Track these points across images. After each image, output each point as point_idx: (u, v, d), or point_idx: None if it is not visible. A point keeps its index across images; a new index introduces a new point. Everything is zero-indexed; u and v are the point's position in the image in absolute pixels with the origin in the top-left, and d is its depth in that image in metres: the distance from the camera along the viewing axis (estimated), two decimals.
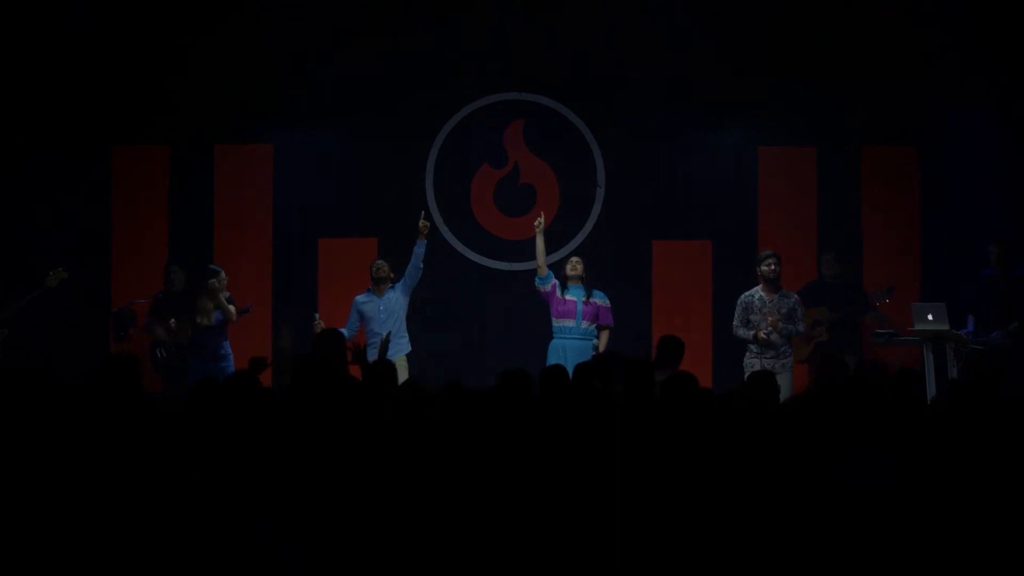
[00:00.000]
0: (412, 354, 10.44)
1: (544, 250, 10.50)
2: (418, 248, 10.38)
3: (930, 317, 10.23)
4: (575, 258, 10.51)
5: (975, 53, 11.04)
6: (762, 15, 11.27)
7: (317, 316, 10.28)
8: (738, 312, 9.95)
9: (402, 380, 9.89)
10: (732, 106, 11.50)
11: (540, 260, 10.44)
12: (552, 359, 10.03)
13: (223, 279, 10.29)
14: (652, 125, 11.64)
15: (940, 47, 11.14)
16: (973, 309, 10.56)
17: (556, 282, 10.39)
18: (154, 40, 11.23)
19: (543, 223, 10.56)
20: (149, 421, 5.09)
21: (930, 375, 10.05)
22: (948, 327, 10.20)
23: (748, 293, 9.98)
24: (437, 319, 11.38)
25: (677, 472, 4.94)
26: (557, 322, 10.33)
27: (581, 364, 6.95)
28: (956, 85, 11.23)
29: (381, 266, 10.47)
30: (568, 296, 10.32)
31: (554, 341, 10.32)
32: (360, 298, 10.45)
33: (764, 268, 9.94)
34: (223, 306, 10.22)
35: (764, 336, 9.75)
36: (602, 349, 10.19)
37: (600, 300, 10.36)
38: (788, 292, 10.02)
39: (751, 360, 9.79)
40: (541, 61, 11.58)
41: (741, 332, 9.91)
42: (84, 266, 11.13)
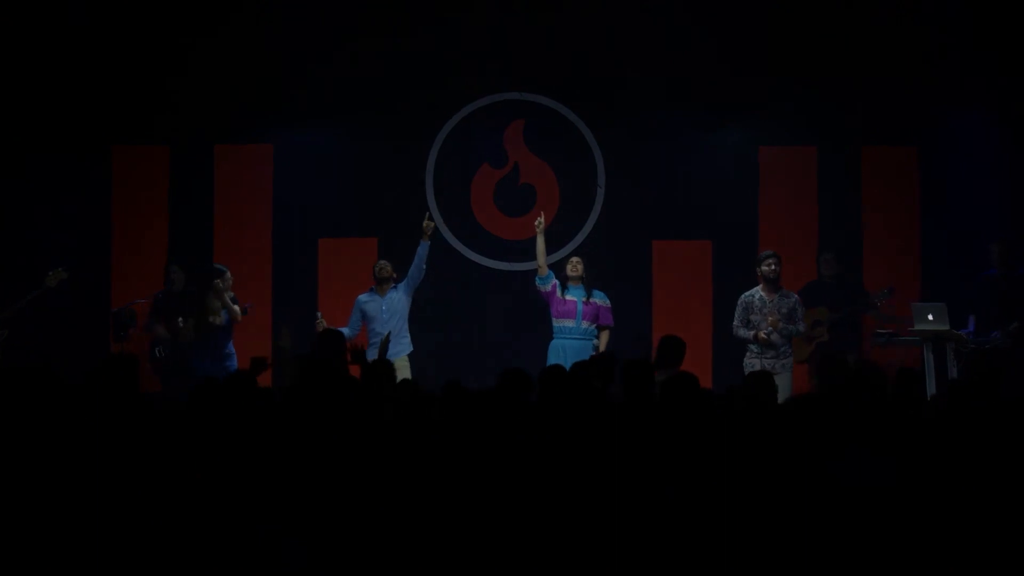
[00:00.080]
0: (412, 354, 10.44)
1: (544, 250, 10.49)
2: (421, 249, 10.37)
3: (930, 317, 10.23)
4: (575, 258, 10.51)
5: (975, 53, 11.04)
6: (762, 15, 11.27)
7: (319, 315, 10.28)
8: (738, 312, 9.95)
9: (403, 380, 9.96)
10: (732, 106, 11.49)
11: (540, 260, 10.44)
12: (552, 359, 10.02)
13: (228, 279, 10.32)
14: (652, 125, 11.63)
15: (940, 47, 11.14)
16: (973, 309, 10.56)
17: (556, 282, 10.39)
18: (154, 40, 11.24)
19: (543, 223, 10.56)
20: (149, 421, 5.09)
21: (930, 375, 10.05)
22: (948, 327, 10.21)
23: (748, 293, 9.98)
24: (437, 319, 11.38)
25: (677, 472, 4.94)
26: (557, 322, 10.33)
27: (578, 363, 6.95)
28: (956, 85, 11.22)
29: (384, 266, 10.47)
30: (568, 296, 10.32)
31: (554, 341, 10.32)
32: (363, 297, 10.44)
33: (764, 268, 9.94)
34: (228, 306, 10.24)
35: (764, 336, 9.75)
36: (602, 349, 10.19)
37: (600, 300, 10.36)
38: (788, 292, 10.01)
39: (751, 360, 9.79)
40: (541, 61, 11.58)
41: (741, 332, 9.90)
42: (84, 266, 11.13)
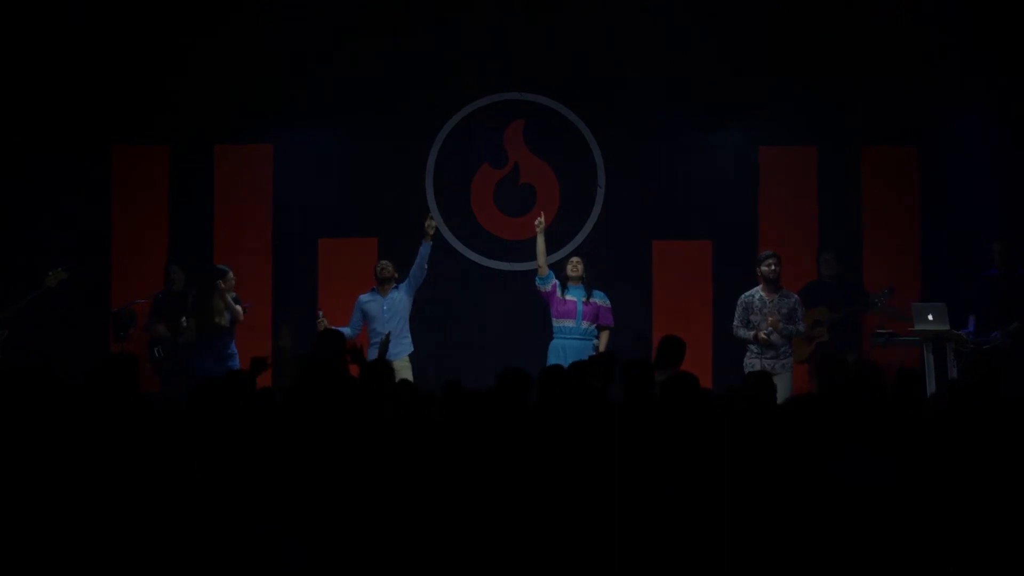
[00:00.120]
0: (412, 354, 10.43)
1: (545, 250, 10.49)
2: (423, 249, 10.36)
3: (930, 317, 10.23)
4: (575, 258, 10.51)
5: (975, 53, 11.04)
6: (762, 15, 11.27)
7: (320, 314, 10.27)
8: (738, 312, 9.94)
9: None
10: (732, 106, 11.49)
11: (541, 260, 10.44)
12: (552, 359, 10.02)
13: (231, 279, 10.32)
14: (652, 125, 11.63)
15: (940, 47, 11.14)
16: (973, 309, 10.56)
17: (556, 282, 10.38)
18: (154, 40, 11.23)
19: (543, 223, 10.56)
20: (149, 421, 5.09)
21: (930, 375, 10.05)
22: (948, 327, 10.20)
23: (748, 293, 9.97)
24: (437, 319, 11.37)
25: (677, 472, 4.94)
26: (557, 322, 10.33)
27: (576, 363, 6.95)
28: (956, 85, 11.22)
29: (385, 266, 10.46)
30: (568, 296, 10.32)
31: (554, 341, 10.32)
32: (364, 297, 10.44)
33: (764, 268, 9.93)
34: (230, 306, 10.24)
35: (764, 337, 9.74)
36: (602, 349, 10.19)
37: (600, 300, 10.36)
38: (788, 292, 10.01)
39: (751, 360, 9.79)
40: (541, 61, 11.58)
41: (741, 332, 9.90)
42: (84, 266, 11.13)
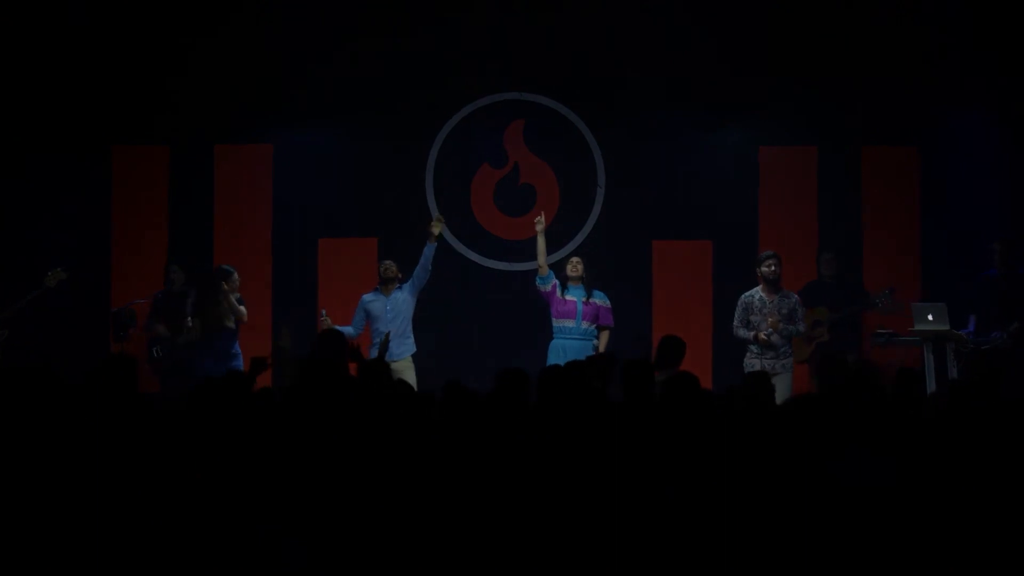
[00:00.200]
0: (414, 354, 10.43)
1: (545, 250, 10.50)
2: (428, 250, 10.36)
3: (930, 317, 10.22)
4: (575, 258, 10.51)
5: (975, 53, 11.04)
6: (762, 15, 11.27)
7: (323, 312, 10.27)
8: (738, 312, 9.94)
9: (408, 380, 9.96)
10: (732, 106, 11.49)
11: (541, 260, 10.44)
12: (552, 359, 10.02)
13: (235, 280, 10.30)
14: (652, 125, 11.63)
15: (940, 47, 11.13)
16: (974, 309, 10.56)
17: (557, 282, 10.39)
18: (154, 40, 11.23)
19: (543, 222, 10.57)
20: (149, 421, 5.09)
21: (930, 375, 10.05)
22: (948, 327, 10.20)
23: (748, 293, 9.97)
24: (437, 319, 11.37)
25: (677, 472, 4.94)
26: (557, 322, 10.33)
27: (572, 362, 6.95)
28: (956, 85, 11.22)
29: (389, 266, 10.45)
30: (568, 296, 10.32)
31: (554, 341, 10.32)
32: (367, 297, 10.44)
33: (764, 269, 9.93)
34: (234, 307, 10.22)
35: (764, 337, 9.74)
36: (602, 349, 10.19)
37: (600, 300, 10.36)
38: (788, 292, 10.01)
39: (751, 360, 9.79)
40: (541, 61, 11.58)
41: (741, 332, 9.90)
42: (84, 266, 11.13)
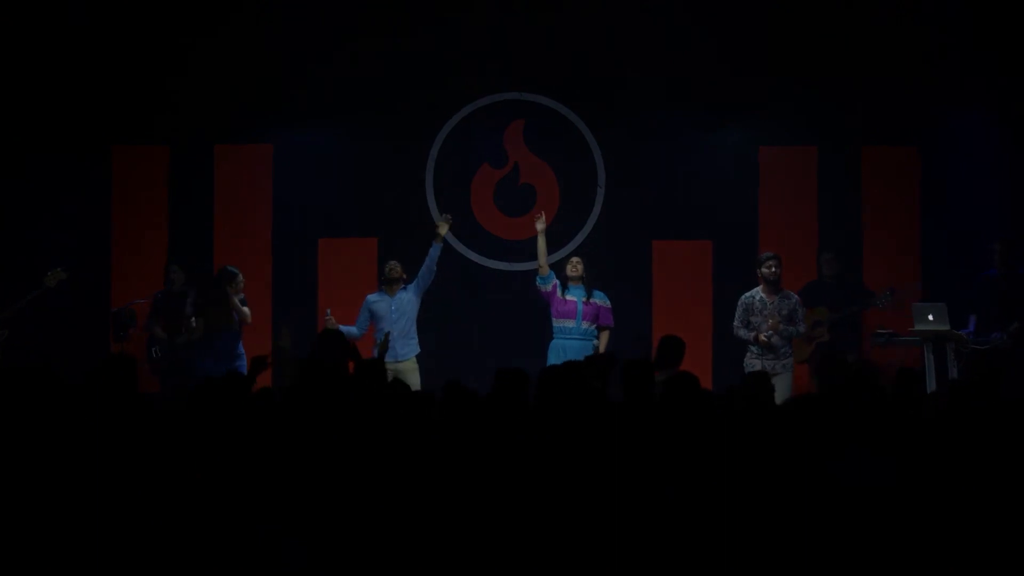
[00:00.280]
0: (417, 354, 10.45)
1: (546, 250, 10.50)
2: (433, 250, 10.36)
3: (930, 317, 10.22)
4: (575, 258, 10.51)
5: (975, 53, 11.04)
6: (762, 15, 11.27)
7: (329, 313, 10.26)
8: (739, 313, 9.94)
9: (413, 382, 10.00)
10: (732, 106, 11.49)
11: (541, 260, 10.44)
12: (552, 359, 10.02)
13: (240, 282, 10.28)
14: (652, 125, 11.63)
15: (940, 47, 11.13)
16: (974, 309, 10.55)
17: (557, 282, 10.39)
18: (154, 40, 11.23)
19: (544, 221, 10.57)
20: (149, 421, 5.09)
21: (930, 375, 10.04)
22: (948, 327, 10.20)
23: (748, 294, 9.97)
24: (437, 319, 11.37)
25: (677, 472, 4.94)
26: (557, 322, 10.32)
27: (570, 362, 6.95)
28: (956, 85, 11.22)
29: (394, 267, 10.44)
30: (568, 296, 10.31)
31: (554, 341, 10.32)
32: (372, 297, 10.44)
33: (764, 270, 9.92)
34: (238, 309, 10.21)
35: (765, 340, 9.73)
36: (602, 350, 10.19)
37: (600, 300, 10.36)
38: (788, 293, 10.00)
39: (752, 361, 9.78)
40: (541, 61, 11.58)
41: (742, 333, 9.89)
42: (84, 266, 11.12)
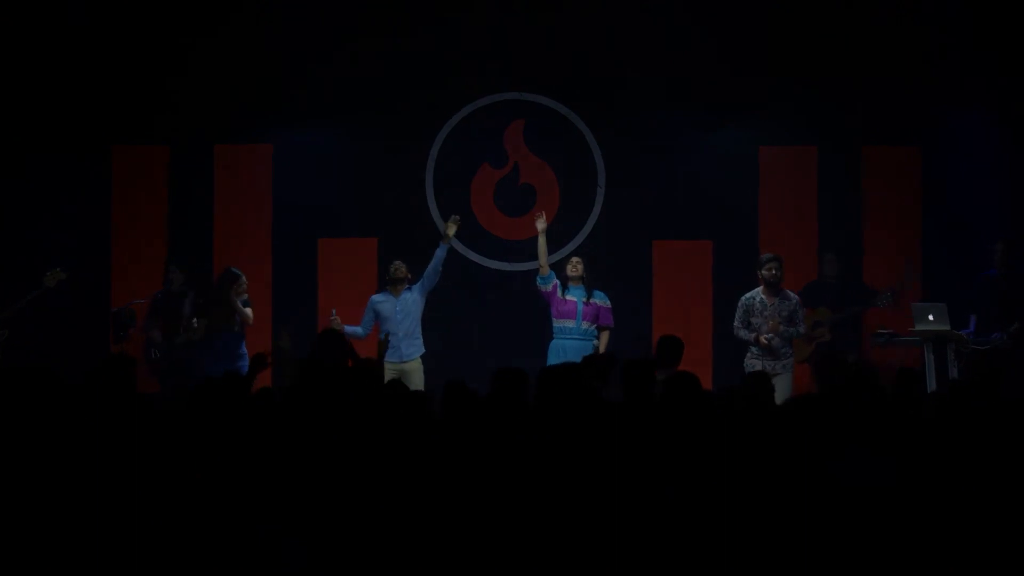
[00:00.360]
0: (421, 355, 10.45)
1: (546, 250, 10.50)
2: (440, 251, 10.36)
3: (931, 317, 10.22)
4: (575, 258, 10.50)
5: (975, 53, 11.04)
6: (762, 15, 11.27)
7: (334, 313, 10.25)
8: (739, 314, 9.93)
9: (418, 381, 10.00)
10: (732, 106, 11.48)
11: (542, 260, 10.44)
12: (552, 359, 10.02)
13: (243, 284, 10.26)
14: (652, 125, 11.62)
15: (940, 47, 11.13)
16: (974, 309, 10.55)
17: (557, 282, 10.38)
18: (154, 40, 11.23)
19: (544, 220, 10.57)
20: (149, 421, 5.09)
21: (930, 375, 10.04)
22: (949, 327, 10.20)
23: (749, 295, 9.96)
24: (437, 319, 11.36)
25: (677, 472, 4.94)
26: (557, 322, 10.32)
27: (567, 363, 6.96)
28: (956, 85, 11.22)
29: (399, 267, 10.43)
30: (568, 296, 10.31)
31: (554, 341, 10.32)
32: (376, 297, 10.44)
33: (765, 272, 9.91)
34: (239, 310, 10.20)
35: (765, 342, 9.72)
36: (602, 350, 10.18)
37: (600, 301, 10.35)
38: (789, 294, 9.99)
39: (752, 361, 9.78)
40: (541, 61, 11.58)
41: (742, 334, 9.89)
42: (84, 266, 11.12)
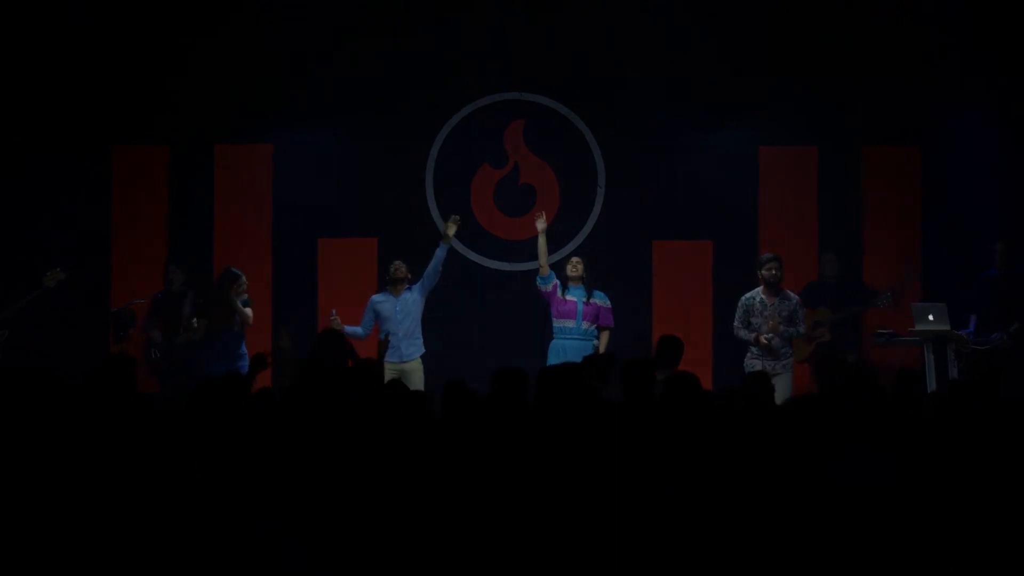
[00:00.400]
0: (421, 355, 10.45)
1: (546, 250, 10.50)
2: (440, 251, 10.36)
3: (931, 317, 10.22)
4: (575, 258, 10.50)
5: (975, 53, 11.04)
6: (762, 15, 11.27)
7: (334, 313, 10.25)
8: (739, 314, 9.94)
9: (418, 381, 10.00)
10: (732, 106, 11.48)
11: (542, 260, 10.44)
12: (552, 359, 10.02)
13: (243, 284, 10.26)
14: (652, 125, 11.62)
15: (940, 47, 11.13)
16: (974, 309, 10.55)
17: (557, 282, 10.38)
18: (154, 40, 11.23)
19: (544, 220, 10.58)
20: (149, 421, 5.09)
21: (930, 375, 10.04)
22: (949, 327, 10.20)
23: (749, 295, 9.96)
24: (437, 319, 11.36)
25: (677, 472, 4.94)
26: (557, 322, 10.32)
27: (566, 364, 6.96)
28: (956, 85, 11.22)
29: (399, 267, 10.43)
30: (568, 296, 10.31)
31: (554, 341, 10.32)
32: (376, 297, 10.44)
33: (765, 272, 9.91)
34: (239, 311, 10.20)
35: (766, 342, 9.73)
36: (602, 350, 10.18)
37: (600, 301, 10.35)
38: (789, 294, 9.99)
39: (752, 361, 9.78)
40: (541, 61, 11.58)
41: (742, 334, 9.89)
42: (84, 266, 11.12)
